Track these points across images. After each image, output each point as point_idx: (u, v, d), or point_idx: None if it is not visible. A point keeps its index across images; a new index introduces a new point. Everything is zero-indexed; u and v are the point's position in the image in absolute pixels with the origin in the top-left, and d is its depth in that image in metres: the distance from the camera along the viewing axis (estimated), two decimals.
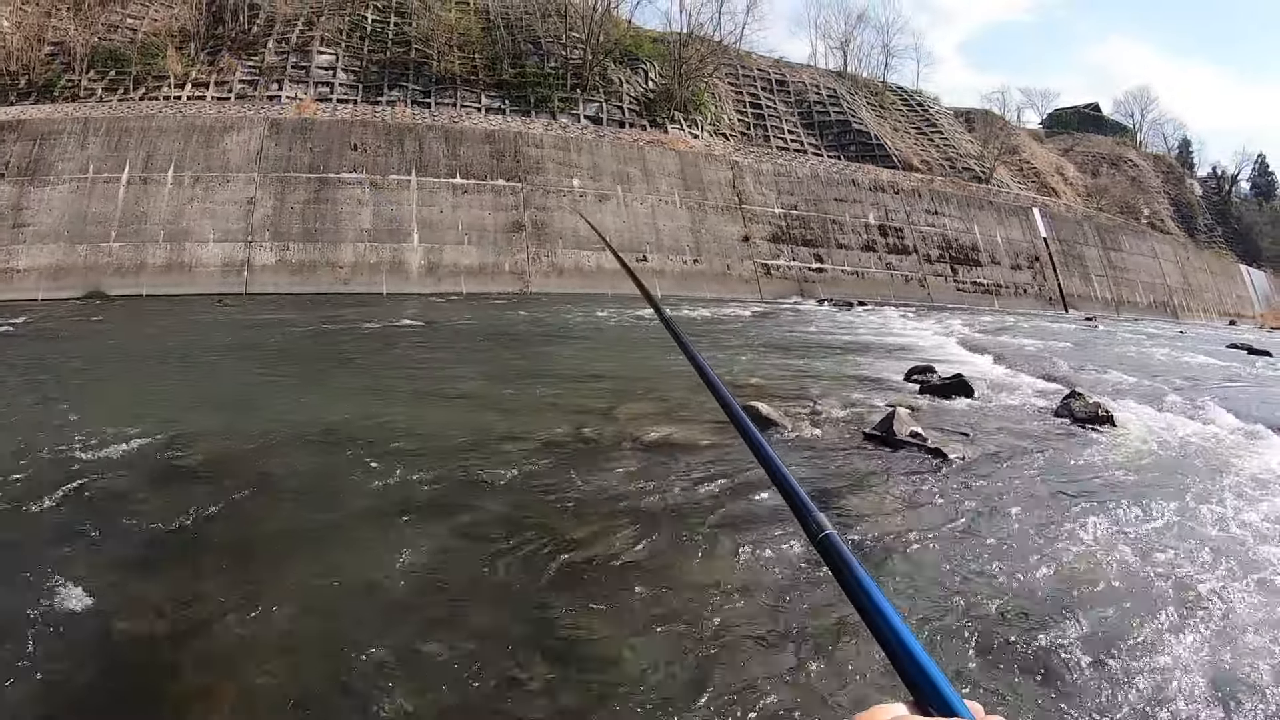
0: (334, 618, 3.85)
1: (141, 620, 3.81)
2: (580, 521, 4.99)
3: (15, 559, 4.43)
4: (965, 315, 28.11)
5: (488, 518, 5.06)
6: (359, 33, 34.90)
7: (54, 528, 4.90)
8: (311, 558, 4.55)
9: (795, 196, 34.28)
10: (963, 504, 5.33)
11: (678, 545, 4.66)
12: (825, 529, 0.90)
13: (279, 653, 3.53)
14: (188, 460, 6.36)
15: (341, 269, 27.56)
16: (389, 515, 5.08)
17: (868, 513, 5.20)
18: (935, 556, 4.47)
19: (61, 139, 28.95)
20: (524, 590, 4.11)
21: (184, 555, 4.57)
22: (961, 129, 47.04)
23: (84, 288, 26.13)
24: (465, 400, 9.28)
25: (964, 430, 7.36)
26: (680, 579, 4.23)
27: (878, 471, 6.10)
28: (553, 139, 31.58)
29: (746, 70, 42.64)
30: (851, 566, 0.83)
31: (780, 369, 11.99)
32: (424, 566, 4.35)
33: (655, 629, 3.70)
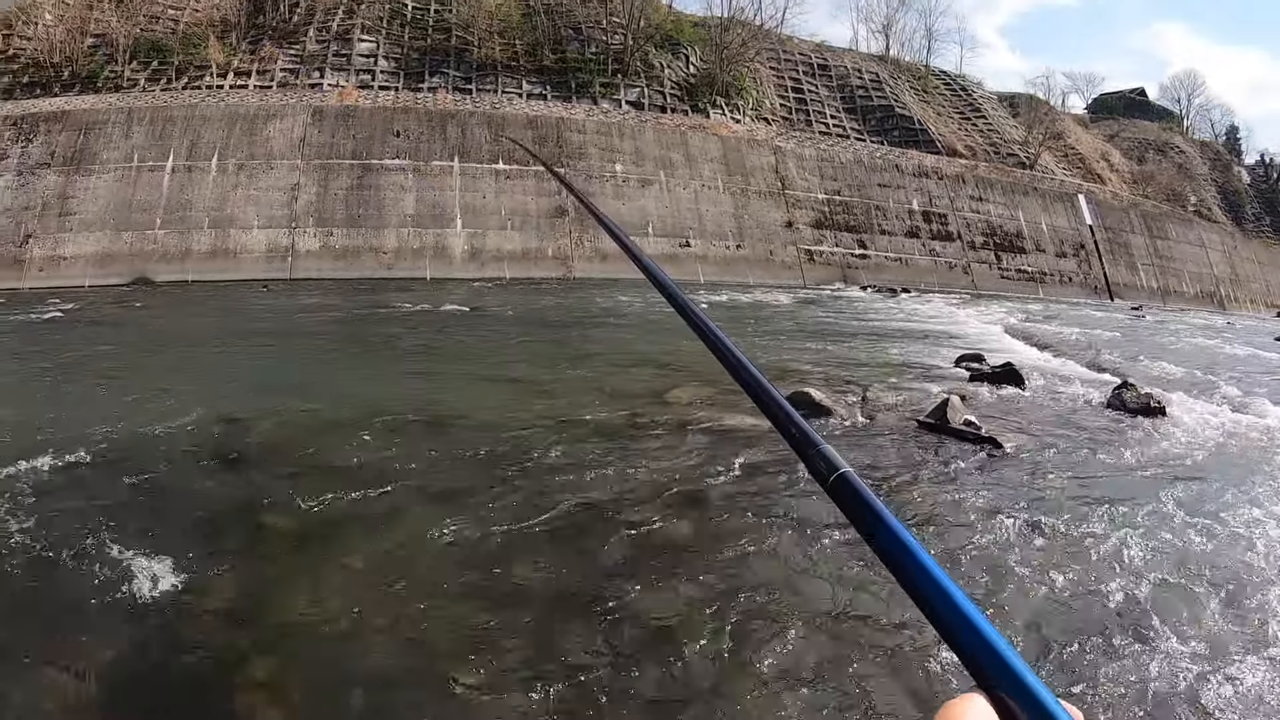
0: (391, 603, 3.85)
1: (204, 600, 3.87)
2: (634, 505, 4.99)
3: (79, 539, 4.45)
4: (1010, 303, 27.62)
5: (543, 500, 5.05)
6: (399, 20, 34.84)
7: (115, 508, 5.00)
8: (367, 539, 4.57)
9: (838, 182, 33.81)
10: (1020, 494, 5.28)
11: (730, 530, 4.62)
12: (839, 468, 0.75)
13: (336, 631, 3.56)
14: (242, 443, 6.47)
15: (385, 254, 27.51)
16: (443, 496, 5.13)
17: (926, 501, 5.15)
18: (996, 547, 4.42)
19: (106, 129, 29.22)
20: (580, 570, 4.12)
21: (243, 536, 4.68)
22: (1006, 114, 46.20)
23: (130, 274, 26.36)
24: (515, 384, 9.30)
25: (1017, 419, 7.44)
26: (732, 563, 4.20)
27: (934, 460, 6.12)
28: (595, 124, 31.36)
29: (788, 54, 42.11)
30: (880, 516, 0.69)
31: (828, 355, 11.90)
32: (479, 547, 4.38)
33: (707, 611, 3.70)
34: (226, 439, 6.54)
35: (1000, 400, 8.34)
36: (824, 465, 0.78)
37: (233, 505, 5.11)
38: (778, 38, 41.46)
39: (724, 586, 3.94)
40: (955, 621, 0.59)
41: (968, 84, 47.93)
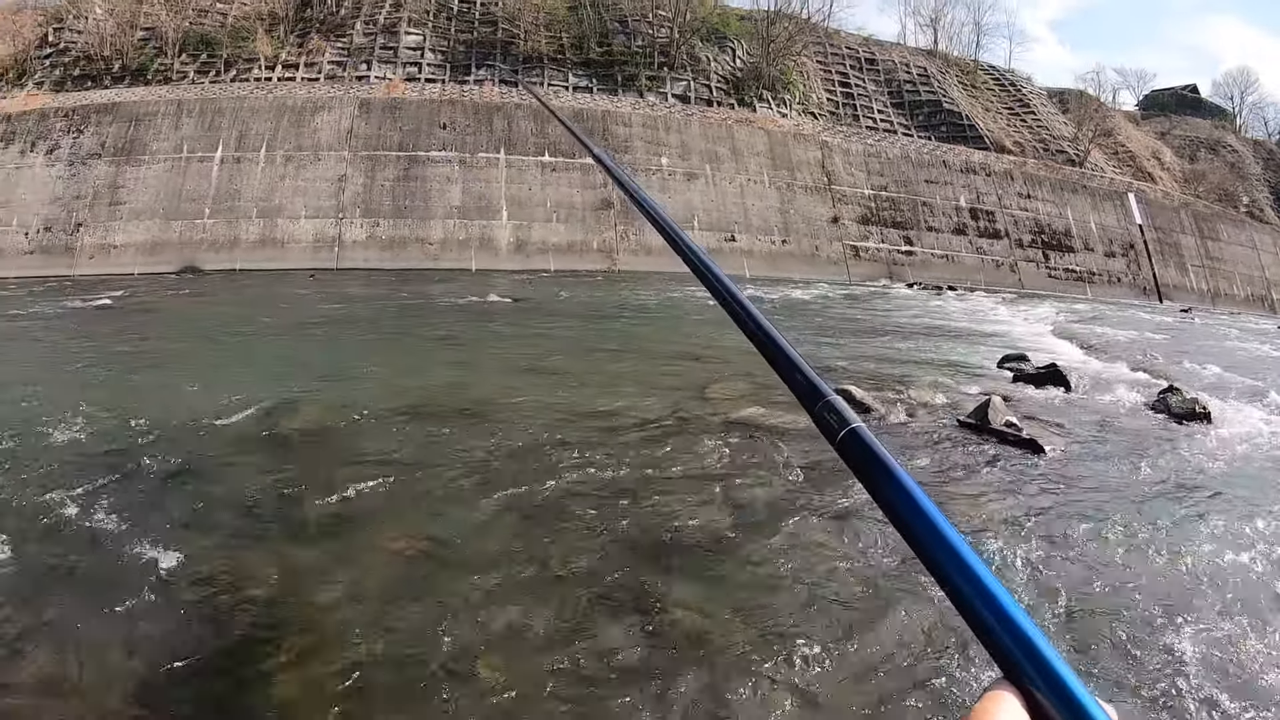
0: (427, 592, 3.87)
1: (242, 583, 3.91)
2: (671, 499, 4.97)
3: (123, 518, 4.55)
4: (1057, 303, 27.09)
5: (582, 493, 5.05)
6: (445, 13, 35.01)
7: (160, 490, 5.14)
8: (406, 527, 4.58)
9: (885, 177, 33.40)
10: (1060, 498, 5.18)
11: (767, 527, 4.57)
12: (850, 423, 0.70)
13: (375, 620, 3.58)
14: (285, 429, 6.55)
15: (431, 245, 27.59)
16: (480, 486, 5.13)
17: (965, 502, 5.03)
18: (1034, 551, 4.31)
19: (156, 120, 29.59)
20: (613, 563, 4.10)
21: (283, 520, 4.71)
22: (1055, 110, 45.42)
23: (179, 263, 26.69)
24: (555, 376, 9.24)
25: (1059, 422, 7.30)
26: (768, 560, 4.18)
27: (974, 461, 6.04)
28: (641, 117, 31.25)
29: (835, 48, 41.78)
30: (897, 478, 0.65)
31: (871, 353, 11.75)
32: (514, 537, 4.41)
33: (741, 607, 3.70)
34: (270, 425, 6.63)
35: (1043, 402, 8.20)
36: (833, 419, 0.71)
37: (274, 489, 5.16)
38: (824, 31, 41.15)
39: (759, 583, 3.93)
40: (982, 606, 0.56)
41: (1016, 79, 47.18)
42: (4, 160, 29.38)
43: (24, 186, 28.74)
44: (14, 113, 30.97)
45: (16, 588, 3.93)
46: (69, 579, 4.01)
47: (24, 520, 4.61)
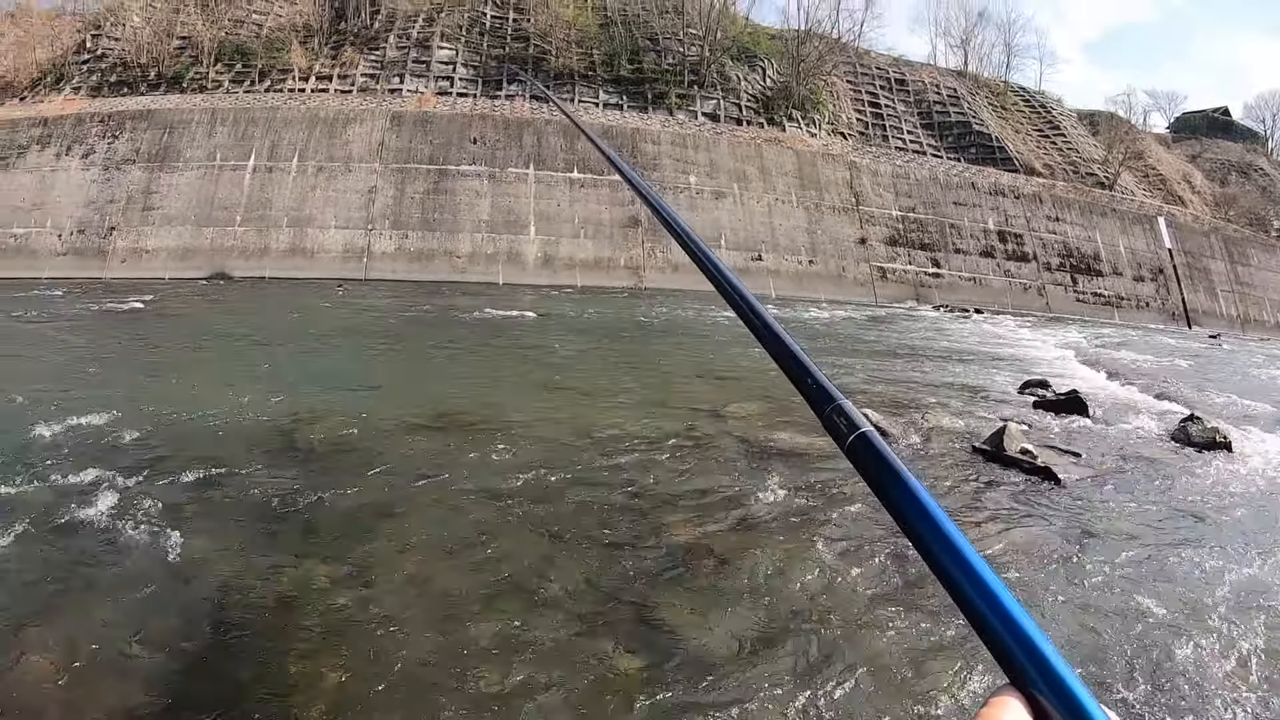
0: (436, 595, 3.94)
1: (255, 586, 3.98)
2: (683, 518, 4.98)
3: (142, 519, 4.63)
4: (1084, 327, 26.90)
5: (592, 507, 5.10)
6: (478, 28, 35.29)
7: (178, 491, 5.16)
8: (418, 535, 4.64)
9: (913, 199, 33.26)
10: (1069, 528, 5.11)
11: (777, 547, 4.56)
12: (859, 427, 0.71)
13: (383, 626, 3.63)
14: (305, 437, 6.61)
15: (459, 258, 27.73)
16: (497, 499, 5.16)
17: (972, 530, 4.95)
18: (1037, 580, 4.29)
19: (190, 128, 29.97)
20: (622, 579, 4.13)
21: (298, 527, 4.76)
22: (1085, 132, 45.11)
23: (209, 269, 27.00)
24: (576, 392, 9.28)
25: (1076, 450, 7.17)
26: (775, 579, 4.17)
27: (984, 487, 5.87)
28: (670, 135, 31.31)
29: (865, 68, 41.73)
30: (906, 483, 0.65)
31: (893, 376, 11.68)
32: (526, 549, 4.45)
33: (746, 625, 3.70)
34: (291, 432, 6.72)
35: (1062, 429, 8.10)
36: (843, 423, 0.72)
37: (292, 495, 5.23)
38: (855, 51, 41.07)
39: (765, 602, 3.93)
40: (988, 610, 0.56)
41: (1047, 101, 46.88)
42: (40, 163, 29.86)
43: (59, 189, 29.19)
44: (51, 116, 31.47)
45: (33, 581, 4.03)
46: (84, 574, 4.11)
47: (43, 516, 4.72)
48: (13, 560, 4.18)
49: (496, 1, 36.99)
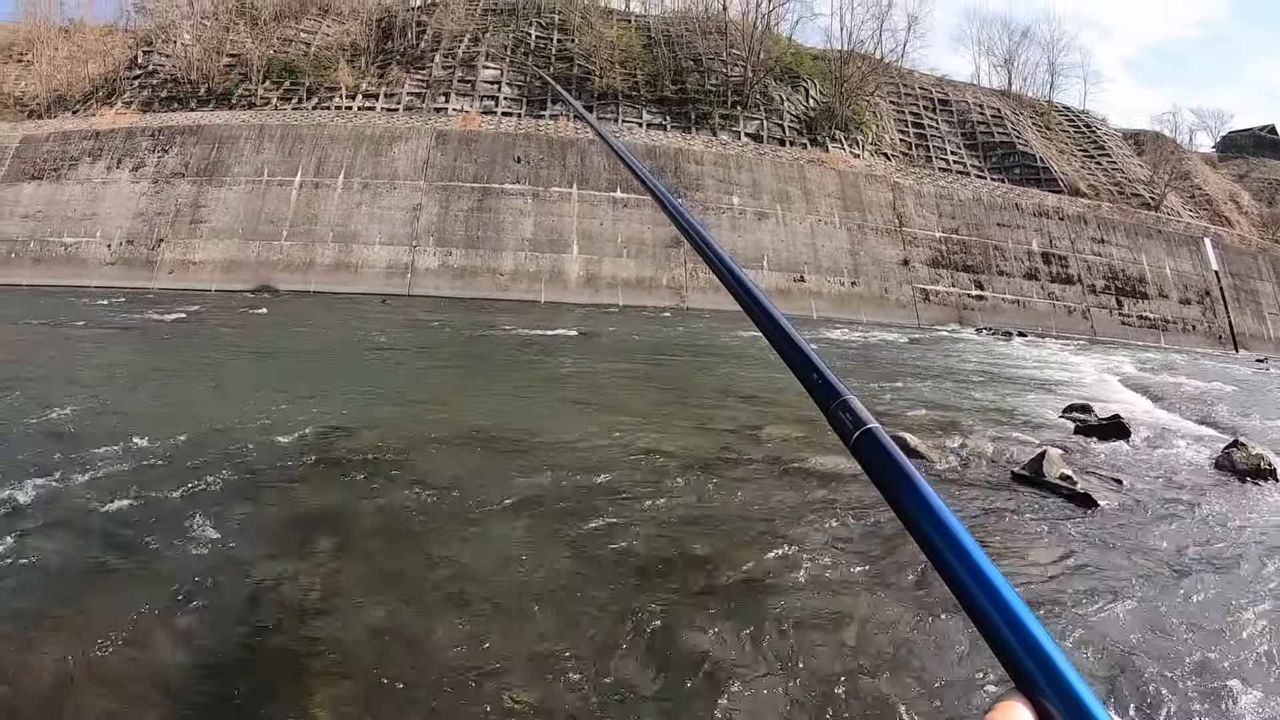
0: (466, 611, 3.96)
1: (289, 593, 4.06)
2: (714, 541, 4.97)
3: (180, 524, 4.74)
4: (1128, 351, 26.36)
5: (624, 528, 5.09)
6: (523, 48, 35.64)
7: (217, 499, 5.24)
8: (450, 551, 4.68)
9: (956, 220, 32.94)
10: (1107, 556, 5.02)
11: (806, 573, 4.52)
12: (865, 423, 0.70)
13: (412, 637, 3.68)
14: (343, 448, 6.71)
15: (501, 276, 27.90)
16: (529, 517, 5.21)
17: (1006, 556, 4.93)
18: (1073, 610, 4.19)
19: (238, 144, 30.51)
20: (651, 602, 4.10)
21: (332, 536, 4.84)
22: (1130, 152, 44.41)
23: (255, 282, 27.43)
24: (614, 411, 9.23)
25: (1116, 476, 6.91)
26: (804, 606, 4.13)
27: (1021, 513, 5.79)
28: (713, 156, 31.32)
29: (908, 88, 41.51)
30: (912, 481, 0.64)
31: (934, 399, 11.48)
32: (558, 570, 4.45)
33: (773, 652, 3.66)
34: (329, 443, 6.80)
35: (1103, 454, 7.92)
36: (848, 419, 0.71)
37: (327, 506, 5.32)
38: (898, 71, 40.85)
39: (793, 628, 3.86)
40: (995, 613, 0.55)
41: (1091, 120, 46.25)
42: (91, 174, 30.56)
43: (109, 200, 29.88)
44: (103, 130, 32.20)
45: (65, 579, 4.10)
46: (116, 574, 4.19)
47: (79, 516, 4.85)
48: (47, 558, 4.28)
49: (541, 22, 37.37)
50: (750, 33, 35.80)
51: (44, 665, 3.33)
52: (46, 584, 4.04)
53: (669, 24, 39.61)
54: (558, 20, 37.38)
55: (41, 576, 4.12)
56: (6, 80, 40.97)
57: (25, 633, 3.58)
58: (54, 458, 5.93)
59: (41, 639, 3.52)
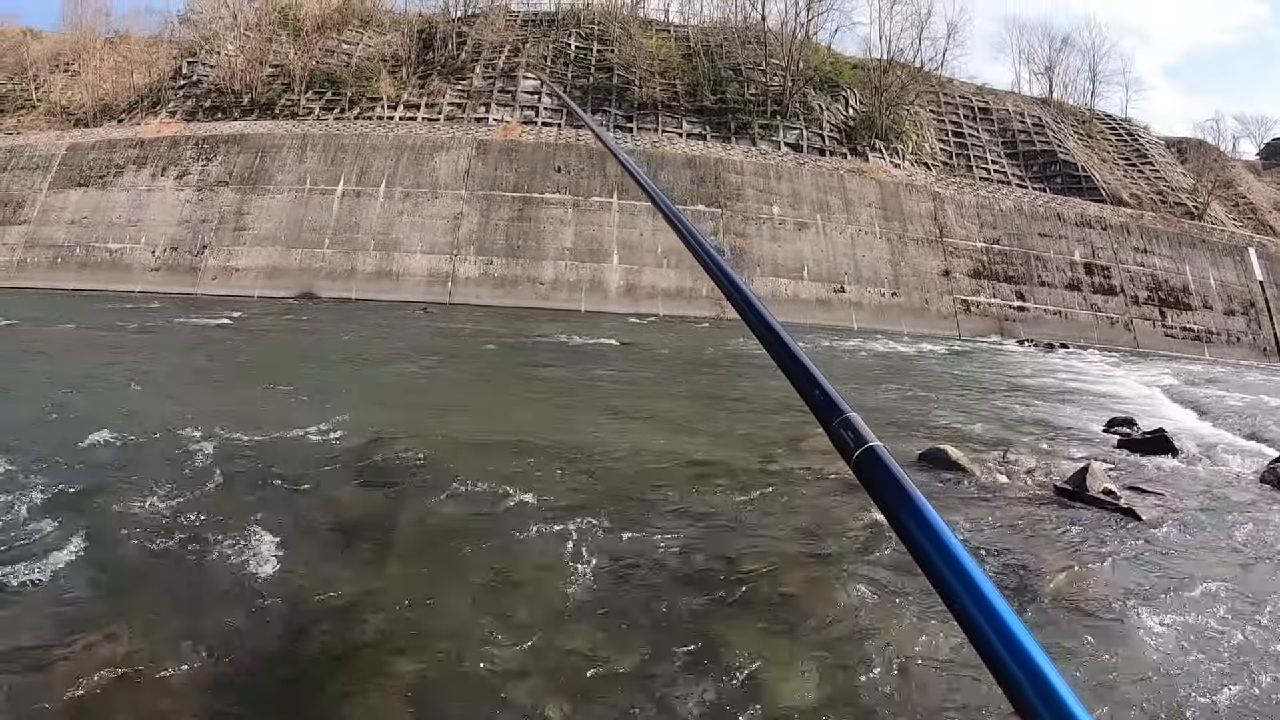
0: (504, 616, 4.01)
1: (328, 596, 4.12)
2: (754, 552, 4.98)
3: (223, 525, 4.89)
4: (1172, 364, 25.93)
5: (663, 537, 5.15)
6: (563, 58, 35.88)
7: (260, 501, 5.38)
8: (489, 557, 4.75)
9: (998, 230, 32.55)
10: (1151, 572, 4.99)
11: (850, 591, 4.51)
12: (867, 441, 0.70)
13: (450, 640, 3.72)
14: (384, 454, 6.83)
15: (541, 285, 28.02)
16: (569, 525, 5.22)
17: (1049, 571, 4.89)
18: (1116, 627, 4.16)
19: (281, 153, 30.94)
20: (689, 612, 4.14)
21: (371, 539, 4.96)
22: (1173, 160, 43.60)
23: (297, 289, 27.82)
24: (655, 421, 9.27)
25: (1161, 491, 6.90)
26: (845, 621, 4.14)
27: (1064, 528, 5.77)
28: (753, 165, 31.27)
29: (948, 97, 41.14)
30: (913, 501, 0.64)
31: (975, 412, 11.44)
32: (596, 578, 4.48)
33: (817, 664, 3.66)
34: (370, 449, 6.92)
35: (1147, 469, 7.86)
36: (850, 436, 0.71)
37: (368, 511, 5.46)
38: (937, 80, 40.52)
39: (833, 644, 3.88)
40: (995, 637, 0.54)
41: (1134, 128, 45.44)
42: (136, 182, 31.14)
43: (153, 208, 30.44)
44: (148, 138, 32.81)
45: (111, 578, 4.22)
46: (159, 574, 4.31)
47: (122, 517, 4.97)
48: (91, 559, 4.38)
49: (581, 33, 37.59)
50: (789, 42, 35.72)
51: (96, 662, 3.42)
52: (98, 582, 4.17)
53: (708, 34, 39.65)
54: (597, 31, 37.60)
55: (93, 574, 4.25)
56: (53, 90, 41.88)
57: (78, 630, 3.66)
58: (95, 458, 6.15)
59: (94, 636, 3.61)
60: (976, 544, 5.23)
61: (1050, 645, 3.80)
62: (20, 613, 3.83)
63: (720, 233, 29.27)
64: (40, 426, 7.35)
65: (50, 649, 3.54)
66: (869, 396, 12.22)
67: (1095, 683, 3.59)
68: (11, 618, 3.79)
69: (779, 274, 28.99)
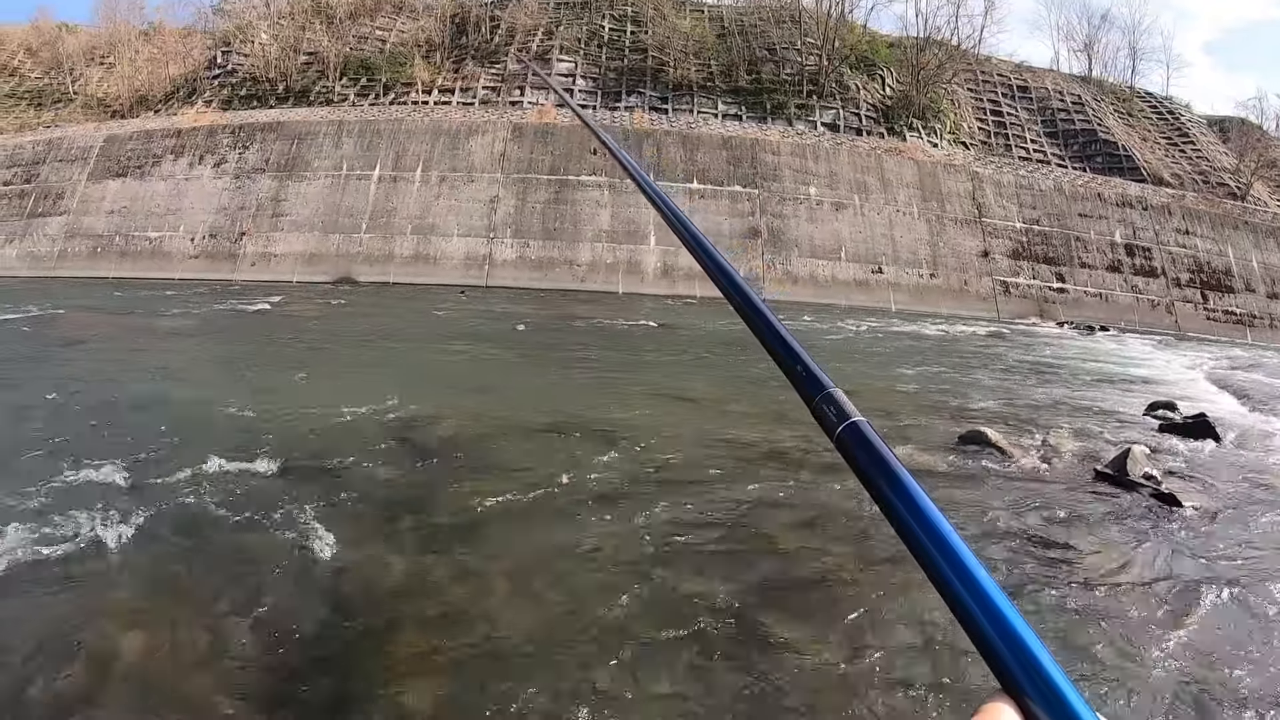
0: (544, 597, 4.04)
1: (371, 575, 4.19)
2: (794, 534, 4.97)
3: (266, 504, 4.95)
4: (1214, 348, 25.40)
5: (704, 518, 5.13)
6: (596, 41, 35.77)
7: (296, 482, 5.45)
8: (529, 538, 4.76)
9: (1037, 210, 32.07)
10: (1192, 559, 4.91)
11: (888, 568, 4.49)
12: (850, 416, 0.70)
13: (491, 622, 3.75)
14: (423, 436, 6.84)
15: (578, 267, 28.04)
16: (608, 505, 5.24)
17: (1089, 556, 4.84)
18: (1155, 614, 4.10)
19: (317, 139, 31.12)
20: (728, 592, 4.13)
21: (413, 522, 4.96)
22: (1215, 139, 42.70)
23: (335, 273, 28.04)
24: (691, 403, 9.24)
25: (1203, 477, 6.77)
26: (885, 601, 4.12)
27: (1105, 513, 5.68)
28: (789, 146, 31.03)
29: (986, 75, 40.59)
30: (898, 477, 0.63)
31: (1015, 394, 11.30)
32: (635, 558, 4.48)
33: (858, 648, 3.65)
34: (410, 431, 6.94)
35: (1189, 454, 7.70)
36: (833, 412, 0.71)
37: (408, 491, 5.46)
38: (975, 58, 39.97)
39: (872, 625, 3.86)
40: (981, 614, 0.54)
41: (1175, 107, 44.52)
42: (174, 171, 31.49)
43: (191, 196, 30.77)
44: (184, 128, 33.14)
45: (153, 560, 4.27)
46: (203, 555, 4.40)
47: (166, 498, 5.05)
48: (136, 539, 4.46)
49: (614, 15, 37.50)
50: (825, 20, 35.39)
51: (137, 641, 3.49)
52: (132, 564, 4.22)
53: (742, 14, 39.40)
54: (630, 12, 37.48)
55: (136, 555, 4.31)
56: (90, 83, 42.50)
57: (119, 610, 3.73)
58: (140, 440, 6.24)
59: (129, 620, 3.66)
60: (1014, 527, 5.19)
61: (1083, 630, 3.82)
62: (67, 587, 3.89)
63: (757, 213, 29.15)
64: (87, 410, 7.45)
65: (97, 620, 3.63)
66: (908, 379, 12.15)
67: (1125, 670, 3.55)
68: (59, 591, 3.85)
69: (816, 255, 28.79)
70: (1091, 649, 3.66)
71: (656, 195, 1.23)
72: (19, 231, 31.42)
